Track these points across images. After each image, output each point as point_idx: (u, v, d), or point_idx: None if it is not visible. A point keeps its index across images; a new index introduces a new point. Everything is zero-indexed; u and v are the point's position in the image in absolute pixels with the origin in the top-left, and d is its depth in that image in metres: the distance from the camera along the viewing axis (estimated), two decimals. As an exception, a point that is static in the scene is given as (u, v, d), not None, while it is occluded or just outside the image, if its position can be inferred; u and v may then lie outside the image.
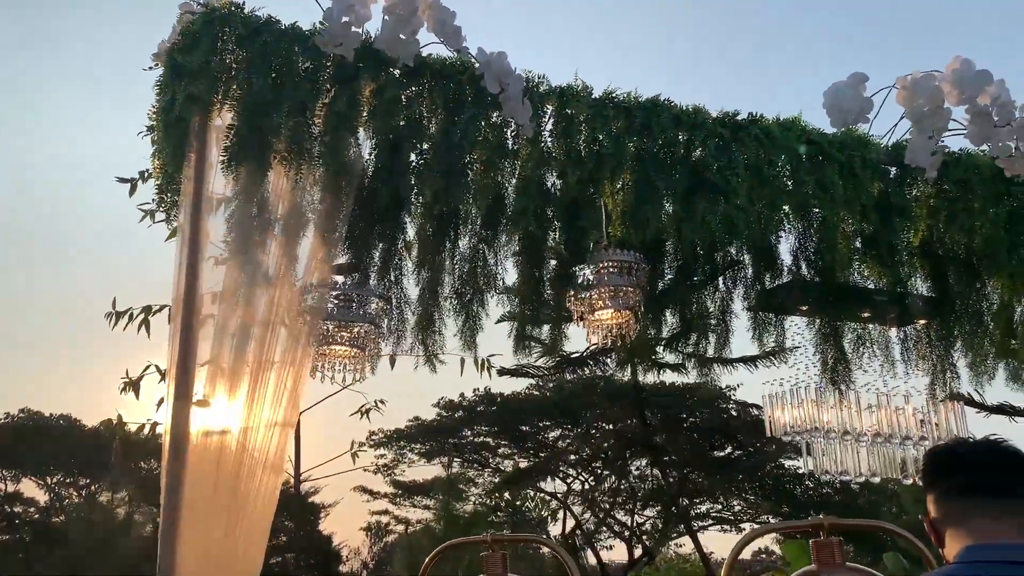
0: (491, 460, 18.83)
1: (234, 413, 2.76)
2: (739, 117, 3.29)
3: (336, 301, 3.15)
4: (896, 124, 3.46)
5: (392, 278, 3.19)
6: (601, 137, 3.17)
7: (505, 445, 18.84)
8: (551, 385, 16.84)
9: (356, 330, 3.18)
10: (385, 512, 20.80)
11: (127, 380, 4.13)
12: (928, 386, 3.64)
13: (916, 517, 8.25)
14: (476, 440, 18.85)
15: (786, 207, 3.35)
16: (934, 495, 1.63)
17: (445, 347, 3.31)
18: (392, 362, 4.16)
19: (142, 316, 3.98)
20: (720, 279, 3.56)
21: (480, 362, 4.24)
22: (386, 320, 3.19)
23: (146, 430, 4.43)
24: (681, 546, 20.39)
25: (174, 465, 2.50)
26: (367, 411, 4.99)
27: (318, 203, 3.00)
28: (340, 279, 3.15)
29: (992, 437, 1.65)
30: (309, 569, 22.69)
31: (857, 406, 3.42)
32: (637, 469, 17.81)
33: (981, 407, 6.75)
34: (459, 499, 18.44)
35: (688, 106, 3.26)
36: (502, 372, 4.79)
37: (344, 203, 3.01)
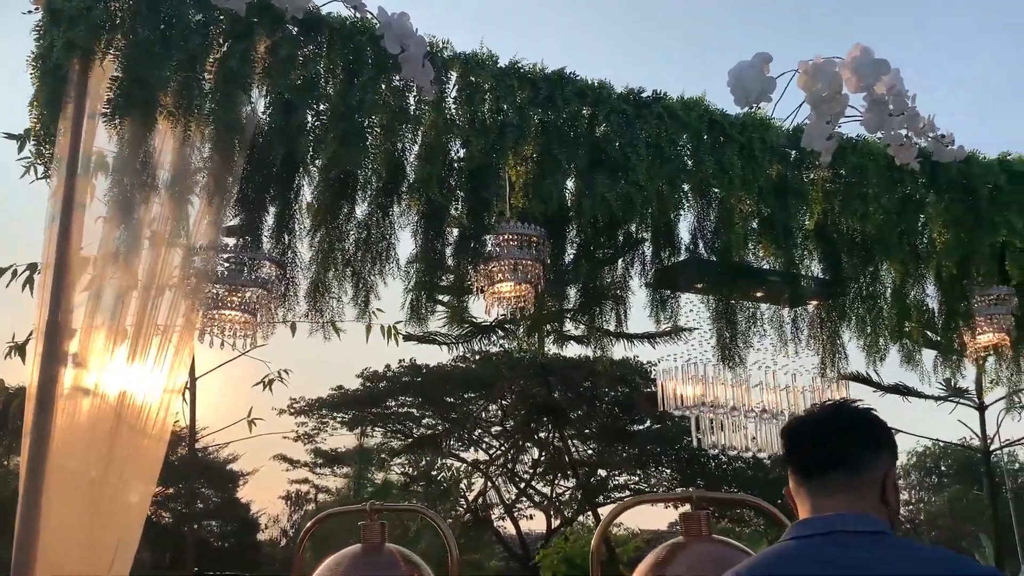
0: (415, 431, 18.81)
1: (111, 377, 2.67)
2: (643, 94, 3.30)
3: (226, 264, 3.06)
4: (798, 108, 3.53)
5: (286, 242, 3.11)
6: (505, 107, 3.14)
7: (429, 416, 18.84)
8: (477, 358, 16.90)
9: (247, 295, 3.09)
10: (305, 481, 20.64)
11: (12, 344, 3.96)
12: (818, 365, 3.74)
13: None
14: (400, 411, 18.80)
15: (686, 186, 3.38)
16: (789, 473, 1.65)
17: (343, 314, 3.26)
18: (293, 329, 4.08)
19: (27, 274, 3.81)
20: (620, 255, 3.58)
21: (386, 329, 4.19)
22: (279, 285, 3.11)
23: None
24: (601, 516, 20.78)
25: (39, 427, 2.40)
26: (270, 382, 4.88)
27: (208, 162, 2.89)
28: (231, 242, 3.06)
29: (829, 404, 1.67)
30: (227, 536, 22.44)
31: (747, 383, 3.50)
32: (559, 441, 18.05)
33: (877, 386, 7.00)
34: (381, 468, 18.42)
35: (593, 81, 3.25)
36: (407, 338, 4.74)
37: (236, 163, 2.91)
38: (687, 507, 2.29)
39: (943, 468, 25.18)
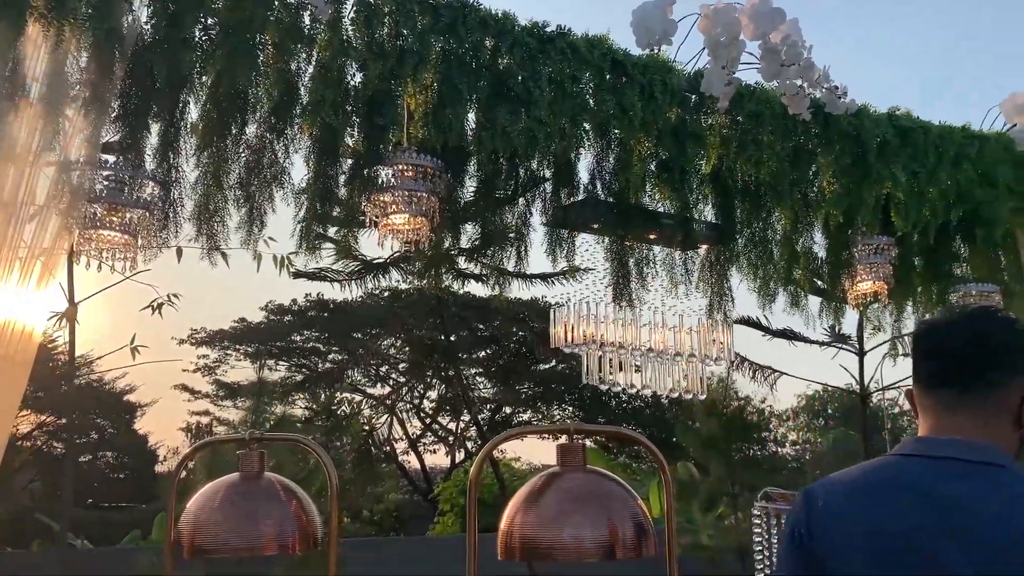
0: (320, 366, 18.63)
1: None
2: (547, 29, 3.25)
3: (105, 183, 2.91)
4: (699, 53, 3.55)
5: (170, 161, 2.97)
6: (405, 32, 3.05)
7: (335, 351, 18.67)
8: (386, 295, 16.76)
9: (128, 215, 2.96)
10: (206, 413, 20.26)
11: None
12: (706, 308, 3.85)
13: (706, 429, 8.90)
14: (305, 346, 18.57)
15: (587, 125, 3.37)
16: (914, 376, 1.49)
17: (229, 239, 3.15)
18: (178, 254, 3.94)
19: None
20: (520, 193, 3.56)
21: (278, 260, 4.07)
22: (162, 207, 2.98)
23: None
24: (504, 452, 21.17)
25: None
26: (159, 306, 4.69)
27: (84, 73, 2.72)
28: (110, 159, 2.91)
29: (972, 309, 1.53)
30: (123, 468, 21.94)
31: (636, 323, 3.57)
32: (466, 378, 18.22)
33: (765, 330, 7.27)
34: (284, 402, 18.21)
35: (497, 11, 3.19)
36: (298, 275, 4.62)
37: (115, 76, 2.75)
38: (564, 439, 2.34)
39: (830, 411, 26.54)
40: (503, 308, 13.05)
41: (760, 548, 2.28)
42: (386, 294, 16.58)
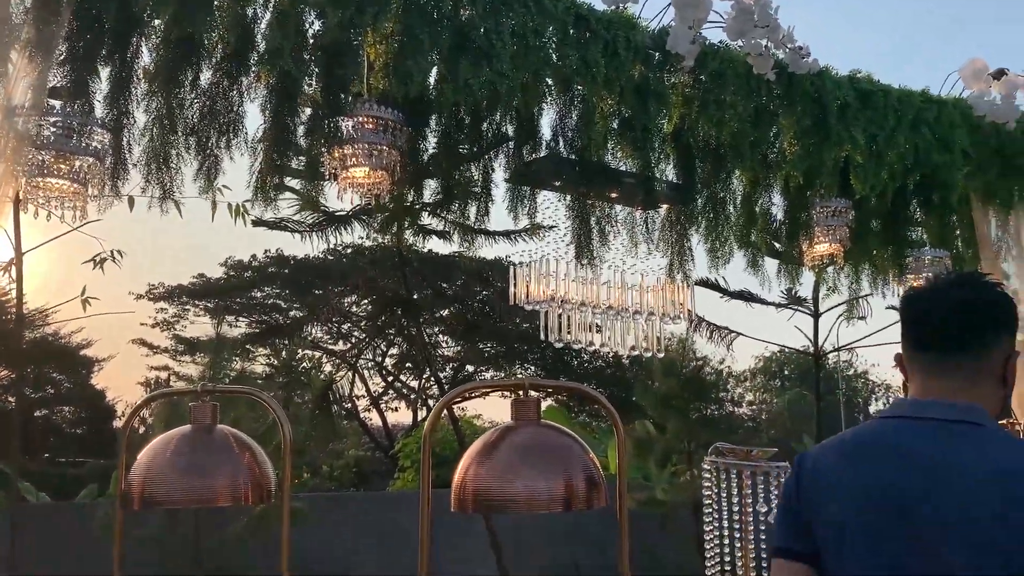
0: (282, 322, 18.49)
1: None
2: (511, -21, 3.19)
3: (53, 129, 2.82)
4: (664, 9, 3.52)
5: (121, 108, 2.88)
6: (365, -21, 2.97)
7: (296, 308, 18.53)
8: (349, 251, 16.62)
9: (77, 163, 2.87)
10: (165, 368, 20.06)
11: None
12: (666, 267, 3.87)
13: (664, 388, 9.02)
14: (266, 302, 18.40)
15: (550, 80, 3.34)
16: (903, 343, 1.54)
17: (183, 189, 3.08)
18: (130, 204, 3.85)
19: None
20: (482, 148, 3.53)
21: (234, 208, 3.97)
22: (113, 154, 2.90)
23: None
24: (465, 410, 21.31)
25: None
26: (102, 261, 4.54)
27: (29, 14, 2.62)
28: (57, 105, 2.81)
29: (956, 275, 1.60)
30: (80, 423, 21.71)
31: (597, 281, 3.57)
32: (429, 336, 18.22)
33: (723, 292, 7.34)
34: (246, 359, 18.07)
35: (459, -40, 3.12)
36: (258, 223, 4.55)
37: (62, 17, 2.65)
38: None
39: (786, 373, 27.08)
40: (466, 266, 13.02)
41: (710, 502, 2.33)
42: (348, 251, 16.47)
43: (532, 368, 18.73)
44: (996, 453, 1.35)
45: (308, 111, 3.17)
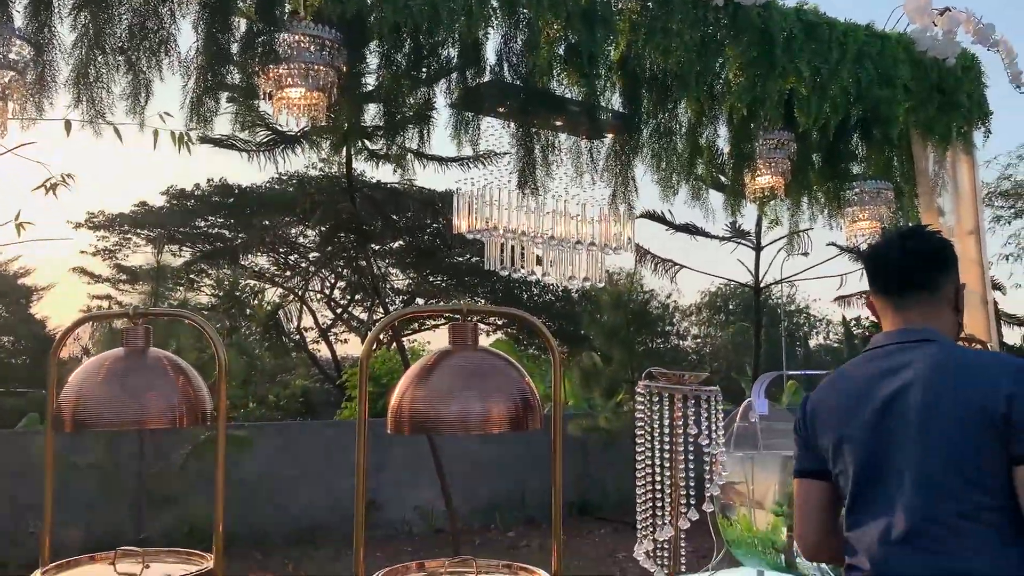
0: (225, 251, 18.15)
1: None
2: None
3: (-32, 40, 2.69)
4: (613, -69, 3.45)
5: (42, 20, 2.75)
6: None
7: (242, 238, 18.20)
8: (294, 181, 16.30)
9: (-4, 77, 2.75)
10: (107, 297, 19.65)
11: None
12: (610, 198, 3.87)
13: (611, 321, 9.17)
14: (210, 231, 18.01)
15: (494, 2, 3.27)
16: (871, 290, 1.93)
17: (114, 108, 2.97)
18: (67, 128, 3.72)
19: None
20: (424, 73, 3.46)
21: (177, 136, 3.87)
22: (34, 68, 2.77)
23: None
24: (415, 341, 21.37)
25: None
26: (53, 186, 4.40)
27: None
28: (-27, 13, 2.67)
29: (906, 230, 1.99)
30: (21, 353, 21.27)
31: (540, 211, 3.56)
32: (379, 268, 18.11)
33: (668, 224, 7.42)
34: (191, 288, 17.77)
35: None
36: (204, 140, 4.42)
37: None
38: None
39: (731, 307, 27.59)
40: (415, 195, 12.87)
41: (642, 424, 2.39)
42: (294, 180, 16.15)
43: (482, 301, 18.79)
44: (943, 356, 1.74)
45: (243, 27, 3.06)
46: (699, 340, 26.74)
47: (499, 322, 18.52)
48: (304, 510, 9.39)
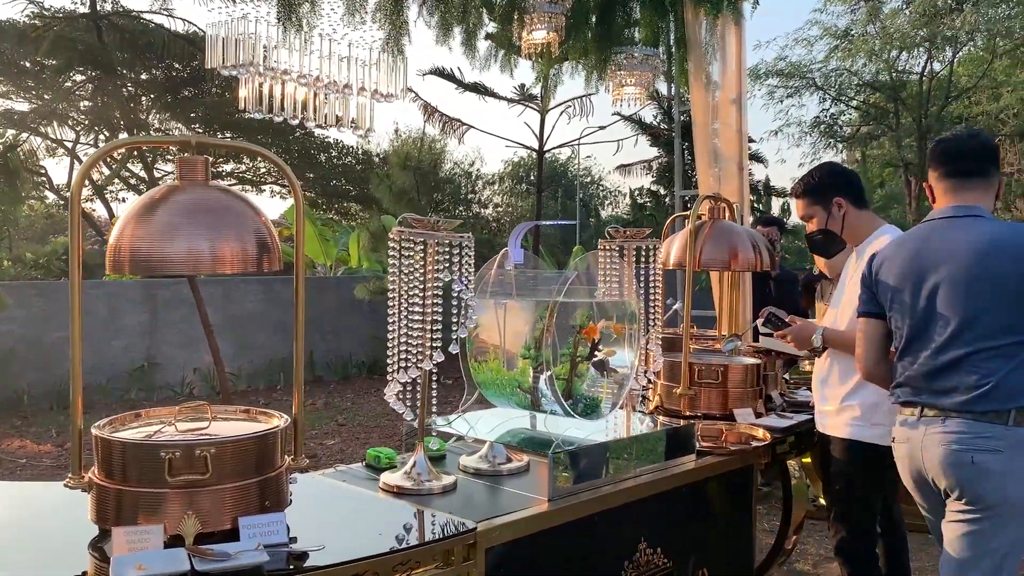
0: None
1: None
2: None
3: None
4: None
5: None
6: None
7: (2, 82, 16.06)
8: (60, 17, 14.41)
9: None
10: None
11: None
12: (383, 42, 3.71)
13: (400, 181, 9.03)
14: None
15: None
16: (935, 174, 2.48)
17: None
18: None
19: None
20: None
21: None
22: None
23: None
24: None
25: None
26: None
27: None
28: None
29: (973, 130, 2.64)
30: None
31: (305, 50, 3.35)
32: (162, 125, 16.69)
33: (458, 83, 7.32)
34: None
35: None
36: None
37: None
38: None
39: (532, 177, 28.13)
40: (177, 34, 11.75)
41: (394, 267, 2.38)
42: (59, 16, 14.32)
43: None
44: (990, 228, 2.31)
45: None
46: (499, 209, 27.19)
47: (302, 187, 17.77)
48: (69, 373, 8.89)
